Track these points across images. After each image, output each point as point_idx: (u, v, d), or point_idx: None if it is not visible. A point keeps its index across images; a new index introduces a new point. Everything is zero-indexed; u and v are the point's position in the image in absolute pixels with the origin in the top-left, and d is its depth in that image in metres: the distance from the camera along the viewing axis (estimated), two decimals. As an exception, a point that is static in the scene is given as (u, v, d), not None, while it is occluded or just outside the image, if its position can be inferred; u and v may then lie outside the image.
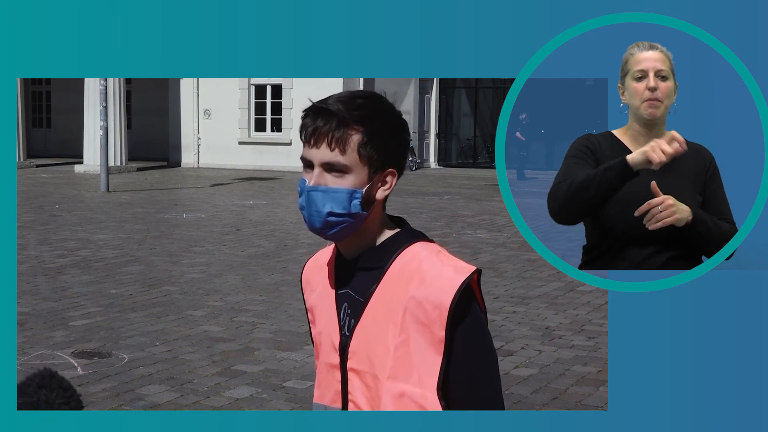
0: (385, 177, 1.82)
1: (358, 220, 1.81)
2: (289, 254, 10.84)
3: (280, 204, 16.40)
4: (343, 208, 1.78)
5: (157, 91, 27.47)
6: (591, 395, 5.70)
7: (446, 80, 27.43)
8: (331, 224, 1.80)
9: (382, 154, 1.79)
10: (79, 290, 8.63)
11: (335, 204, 1.78)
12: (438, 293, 1.75)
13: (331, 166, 1.78)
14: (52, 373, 1.70)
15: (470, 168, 27.07)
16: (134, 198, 17.38)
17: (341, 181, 1.78)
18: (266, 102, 25.30)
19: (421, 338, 1.76)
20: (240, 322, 7.50)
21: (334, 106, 1.77)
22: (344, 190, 1.78)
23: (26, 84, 29.69)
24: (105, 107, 19.61)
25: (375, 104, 1.80)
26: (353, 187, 1.78)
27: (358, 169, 1.78)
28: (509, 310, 7.99)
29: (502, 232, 12.87)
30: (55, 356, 6.39)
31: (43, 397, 1.67)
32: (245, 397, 5.61)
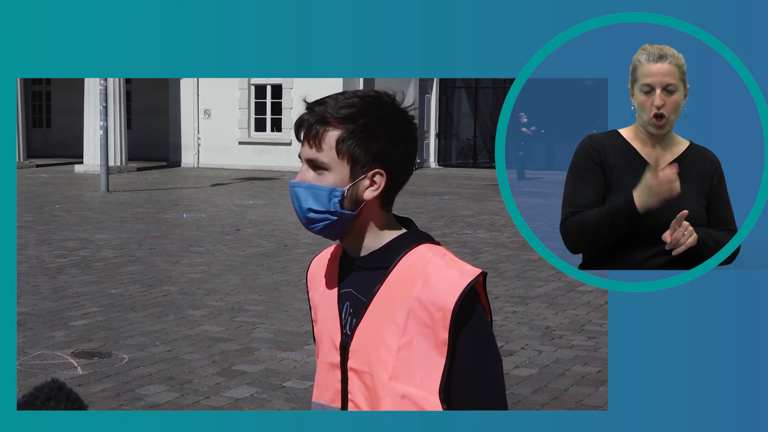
0: (373, 177, 1.80)
1: (344, 218, 1.81)
2: (289, 254, 10.84)
3: (280, 204, 16.40)
4: (321, 205, 1.80)
5: (157, 91, 27.46)
6: (591, 395, 5.70)
7: (446, 80, 27.42)
8: (312, 220, 1.82)
9: (366, 152, 1.78)
10: (79, 290, 8.63)
11: (314, 201, 1.80)
12: (442, 295, 1.74)
13: (314, 164, 1.80)
14: (60, 385, 1.69)
15: (470, 168, 27.06)
16: (134, 198, 17.38)
17: (321, 179, 1.80)
18: (266, 102, 25.29)
19: (424, 340, 1.75)
20: (240, 322, 7.50)
21: (321, 104, 1.79)
22: (323, 188, 1.79)
23: (26, 84, 29.68)
24: (105, 107, 19.61)
25: (366, 102, 1.79)
26: (333, 185, 1.79)
27: (338, 167, 1.79)
28: (509, 310, 7.99)
29: (502, 232, 12.87)
30: (55, 356, 6.38)
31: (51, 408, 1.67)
32: (245, 397, 5.61)
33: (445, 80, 27.43)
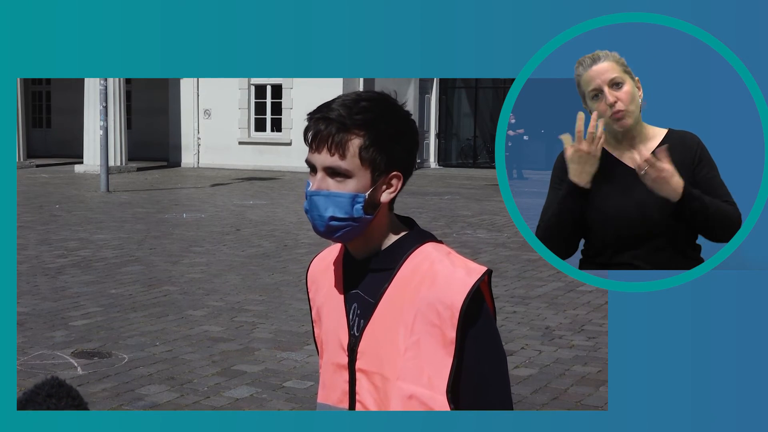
0: (390, 180, 1.81)
1: (363, 223, 1.80)
2: (289, 254, 10.83)
3: (280, 204, 16.40)
4: (345, 212, 1.78)
5: (157, 91, 27.47)
6: (591, 395, 5.70)
7: (446, 80, 27.42)
8: (333, 228, 1.79)
9: (386, 157, 1.78)
10: (79, 290, 8.63)
11: (337, 209, 1.78)
12: (450, 294, 1.75)
13: (333, 171, 1.77)
14: (60, 382, 1.69)
15: (470, 168, 27.06)
16: (134, 198, 17.38)
17: (343, 186, 1.77)
18: (266, 102, 25.29)
19: (432, 340, 1.76)
20: (240, 322, 7.50)
21: (335, 111, 1.76)
22: (346, 195, 1.77)
23: (26, 84, 29.68)
24: (105, 107, 19.61)
25: (379, 107, 1.79)
26: (355, 191, 1.78)
27: (360, 174, 1.77)
28: (509, 310, 7.99)
29: (502, 232, 12.87)
30: (55, 356, 6.38)
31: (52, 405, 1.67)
32: (245, 397, 5.61)
33: (445, 80, 27.43)
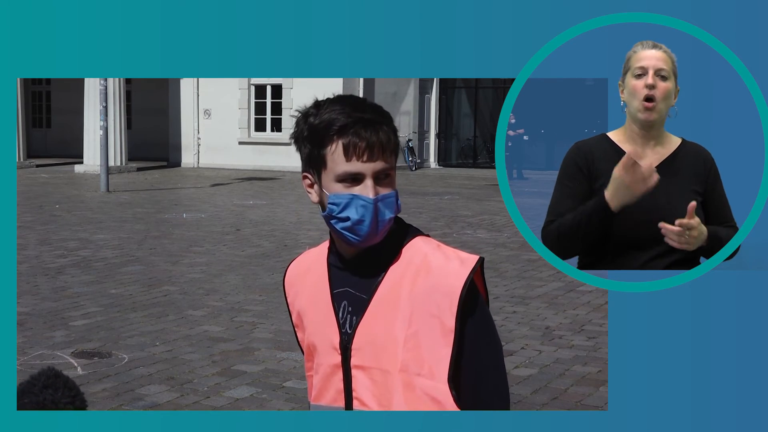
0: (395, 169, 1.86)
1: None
2: (289, 254, 10.83)
3: (280, 204, 16.40)
4: (393, 211, 1.81)
5: (157, 91, 27.47)
6: (591, 395, 5.70)
7: (446, 80, 27.42)
8: (385, 230, 1.81)
9: (398, 149, 1.84)
10: (79, 290, 8.63)
11: (390, 210, 1.80)
12: (447, 284, 1.77)
13: (384, 173, 1.79)
14: (57, 373, 1.70)
15: (470, 168, 27.05)
16: (134, 198, 17.38)
17: (390, 184, 1.81)
18: (266, 102, 25.29)
19: (431, 330, 1.77)
20: (240, 322, 7.50)
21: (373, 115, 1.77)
22: (392, 194, 1.81)
23: (26, 84, 29.68)
24: (105, 107, 19.61)
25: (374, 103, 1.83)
26: (395, 187, 1.82)
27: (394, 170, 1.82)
28: (509, 310, 7.99)
29: (502, 232, 12.87)
30: (55, 356, 6.38)
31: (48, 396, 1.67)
32: (245, 397, 5.61)
33: (445, 80, 27.43)
